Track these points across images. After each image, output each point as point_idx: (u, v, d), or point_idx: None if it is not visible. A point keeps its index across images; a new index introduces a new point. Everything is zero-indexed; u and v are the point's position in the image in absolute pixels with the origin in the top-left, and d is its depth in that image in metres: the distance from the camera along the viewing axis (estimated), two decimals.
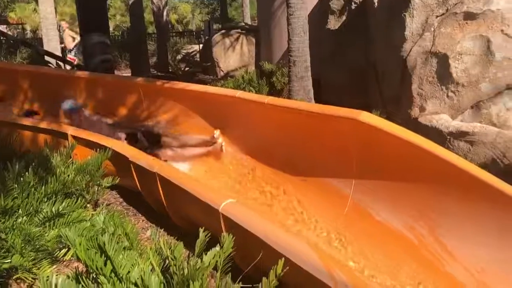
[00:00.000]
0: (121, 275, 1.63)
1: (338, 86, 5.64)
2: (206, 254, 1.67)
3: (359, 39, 5.40)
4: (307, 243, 1.91)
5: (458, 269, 2.46)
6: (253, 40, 10.05)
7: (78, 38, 9.62)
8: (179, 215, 3.06)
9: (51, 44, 11.79)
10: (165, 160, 3.90)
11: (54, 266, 2.27)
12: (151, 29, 21.33)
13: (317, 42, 5.77)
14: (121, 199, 3.71)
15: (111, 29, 21.45)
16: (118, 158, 3.19)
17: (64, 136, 3.59)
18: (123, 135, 4.23)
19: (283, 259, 1.51)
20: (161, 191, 2.98)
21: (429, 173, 2.56)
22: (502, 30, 3.86)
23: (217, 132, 3.90)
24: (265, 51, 8.46)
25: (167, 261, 1.78)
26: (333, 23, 6.01)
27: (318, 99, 5.25)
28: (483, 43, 3.89)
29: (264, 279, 1.48)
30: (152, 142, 4.21)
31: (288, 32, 4.90)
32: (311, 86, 5.07)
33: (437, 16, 4.13)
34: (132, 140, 4.14)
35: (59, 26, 13.12)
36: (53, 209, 2.32)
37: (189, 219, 2.91)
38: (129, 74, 11.32)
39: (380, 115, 4.04)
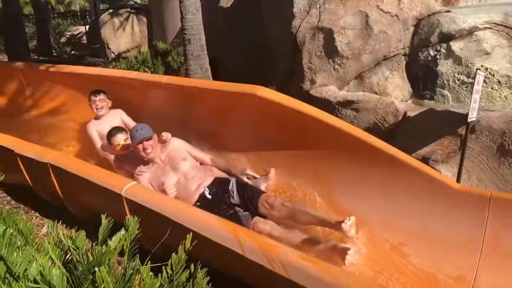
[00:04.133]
0: (17, 274, 1.51)
1: (235, 65, 5.72)
2: (111, 240, 1.62)
3: (251, 17, 5.50)
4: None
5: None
6: (144, 19, 9.63)
7: None
8: (78, 205, 2.90)
9: None
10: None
11: None
12: (27, 10, 19.19)
13: (211, 20, 5.75)
14: (8, 198, 3.39)
15: None
16: (0, 152, 2.90)
17: None
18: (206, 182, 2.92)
19: (191, 233, 1.53)
20: (55, 183, 2.79)
21: (322, 140, 2.77)
22: (377, 6, 4.23)
23: (349, 222, 2.40)
24: (158, 30, 8.19)
25: (68, 253, 1.69)
26: (225, 1, 6.03)
27: (217, 78, 5.26)
28: (362, 18, 4.23)
29: (173, 255, 1.48)
30: (246, 199, 2.78)
31: (181, 10, 4.79)
32: (208, 65, 5.05)
33: None
34: (219, 189, 2.86)
35: None
36: None
37: (89, 208, 2.78)
38: (6, 60, 10.14)
39: (275, 90, 4.20)
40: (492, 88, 3.73)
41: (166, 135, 3.22)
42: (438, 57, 3.95)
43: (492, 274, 2.23)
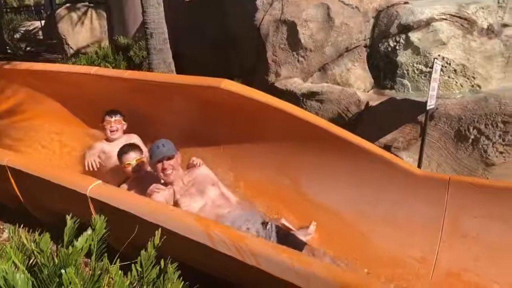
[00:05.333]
0: None
1: (200, 59, 5.66)
2: (77, 240, 1.59)
3: (215, 10, 5.46)
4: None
5: (319, 212, 2.77)
6: (104, 13, 9.35)
7: None
8: (40, 208, 2.81)
9: None
10: None
11: None
12: None
13: (174, 14, 5.66)
14: None
15: None
16: None
17: None
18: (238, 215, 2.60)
19: (159, 229, 1.52)
20: (15, 186, 2.68)
21: (288, 131, 2.80)
22: None
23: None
24: (118, 24, 7.97)
25: (32, 257, 1.64)
26: None
27: (181, 72, 5.20)
28: (324, 10, 4.29)
29: (142, 252, 1.47)
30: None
31: (142, 3, 4.69)
32: (171, 59, 4.99)
33: None
34: (253, 226, 2.55)
35: None
36: None
37: (52, 211, 2.69)
38: None
39: (241, 83, 4.20)
40: (448, 77, 3.88)
41: (197, 160, 2.89)
42: (397, 47, 4.06)
43: (452, 253, 2.34)
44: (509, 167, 3.34)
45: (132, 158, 2.97)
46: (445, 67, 3.85)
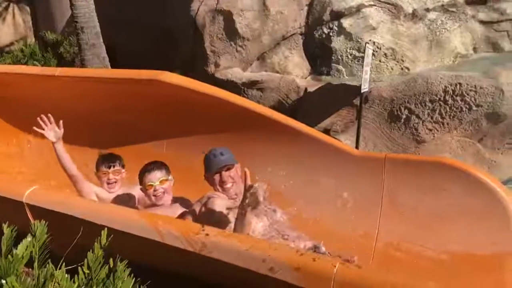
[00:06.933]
0: None
1: (136, 52, 5.49)
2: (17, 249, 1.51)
3: (150, 1, 5.30)
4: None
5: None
6: (28, 8, 8.76)
7: None
8: None
9: None
10: None
11: None
12: None
13: (105, 6, 5.42)
14: None
15: None
16: None
17: None
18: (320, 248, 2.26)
19: (105, 228, 1.48)
20: None
21: (231, 121, 2.83)
22: None
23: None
24: (45, 19, 7.53)
25: None
26: None
27: (116, 67, 5.03)
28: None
29: (89, 253, 1.43)
30: None
31: None
32: (105, 53, 4.81)
33: None
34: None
35: None
36: None
37: None
38: None
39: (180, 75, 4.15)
40: (380, 61, 4.09)
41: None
42: (331, 34, 4.21)
43: (392, 226, 2.50)
44: (438, 143, 3.61)
45: (156, 178, 2.47)
46: (376, 51, 4.05)
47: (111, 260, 1.44)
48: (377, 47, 4.07)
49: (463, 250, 2.22)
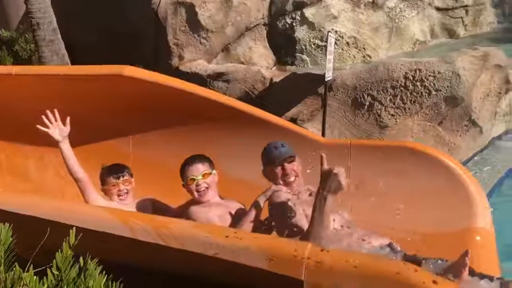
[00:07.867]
0: None
1: (96, 48, 5.34)
2: None
3: None
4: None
5: (239, 188, 2.84)
6: None
7: None
8: None
9: None
10: None
11: None
12: None
13: (61, 1, 5.23)
14: None
15: None
16: None
17: None
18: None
19: (74, 228, 1.45)
20: None
21: (198, 113, 2.81)
22: None
23: None
24: None
25: None
26: None
27: (77, 64, 4.88)
28: None
29: (57, 254, 1.40)
30: None
31: None
32: (64, 50, 4.65)
33: None
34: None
35: None
36: None
37: None
38: None
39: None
40: (342, 49, 4.16)
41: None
42: (294, 24, 4.24)
43: (363, 212, 2.56)
44: (401, 128, 3.72)
45: (198, 171, 2.29)
46: (339, 40, 4.12)
47: (81, 260, 1.41)
48: (339, 36, 4.14)
49: (433, 229, 2.31)
